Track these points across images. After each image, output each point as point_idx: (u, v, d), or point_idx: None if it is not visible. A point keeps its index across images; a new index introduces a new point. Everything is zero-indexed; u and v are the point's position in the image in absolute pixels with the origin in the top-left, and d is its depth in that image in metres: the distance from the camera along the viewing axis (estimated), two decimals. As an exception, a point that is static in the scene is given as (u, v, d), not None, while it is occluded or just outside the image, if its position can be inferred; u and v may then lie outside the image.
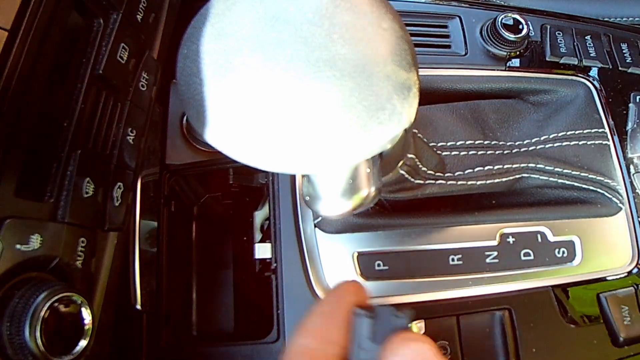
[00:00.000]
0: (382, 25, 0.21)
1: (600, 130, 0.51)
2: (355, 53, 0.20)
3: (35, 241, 0.29)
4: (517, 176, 0.48)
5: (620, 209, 0.49)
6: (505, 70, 0.53)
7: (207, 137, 0.23)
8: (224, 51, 0.21)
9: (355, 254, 0.45)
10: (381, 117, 0.21)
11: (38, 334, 0.28)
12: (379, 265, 0.45)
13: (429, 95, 0.51)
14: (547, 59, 0.55)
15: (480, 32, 0.54)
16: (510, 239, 0.47)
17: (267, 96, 0.20)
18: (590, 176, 0.49)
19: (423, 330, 0.42)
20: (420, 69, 0.24)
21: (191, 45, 0.22)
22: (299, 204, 0.46)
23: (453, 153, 0.48)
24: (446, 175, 0.46)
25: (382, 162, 0.32)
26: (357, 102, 0.21)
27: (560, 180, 0.49)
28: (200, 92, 0.22)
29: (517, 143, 0.51)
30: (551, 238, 0.48)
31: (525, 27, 0.52)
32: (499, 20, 0.52)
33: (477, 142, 0.49)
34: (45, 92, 0.30)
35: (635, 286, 0.48)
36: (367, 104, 0.21)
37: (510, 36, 0.52)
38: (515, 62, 0.54)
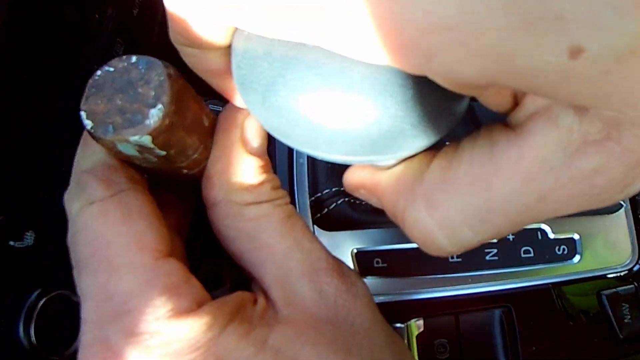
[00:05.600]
0: None
1: (601, 126, 0.51)
2: None
3: (30, 237, 0.29)
4: (517, 173, 0.48)
5: (621, 206, 0.49)
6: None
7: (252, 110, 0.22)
8: None
9: (354, 251, 0.44)
10: None
11: (32, 331, 0.28)
12: (377, 262, 0.44)
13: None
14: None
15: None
16: (510, 237, 0.47)
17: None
18: (591, 173, 0.48)
19: (422, 328, 0.42)
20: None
21: None
22: (297, 201, 0.45)
23: (452, 150, 0.47)
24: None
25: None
26: None
27: (560, 177, 0.48)
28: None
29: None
30: (551, 235, 0.47)
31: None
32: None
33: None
34: (37, 90, 0.30)
35: (636, 284, 0.48)
36: None
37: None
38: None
